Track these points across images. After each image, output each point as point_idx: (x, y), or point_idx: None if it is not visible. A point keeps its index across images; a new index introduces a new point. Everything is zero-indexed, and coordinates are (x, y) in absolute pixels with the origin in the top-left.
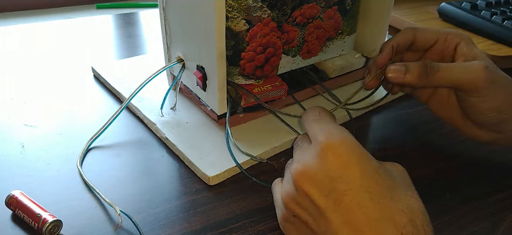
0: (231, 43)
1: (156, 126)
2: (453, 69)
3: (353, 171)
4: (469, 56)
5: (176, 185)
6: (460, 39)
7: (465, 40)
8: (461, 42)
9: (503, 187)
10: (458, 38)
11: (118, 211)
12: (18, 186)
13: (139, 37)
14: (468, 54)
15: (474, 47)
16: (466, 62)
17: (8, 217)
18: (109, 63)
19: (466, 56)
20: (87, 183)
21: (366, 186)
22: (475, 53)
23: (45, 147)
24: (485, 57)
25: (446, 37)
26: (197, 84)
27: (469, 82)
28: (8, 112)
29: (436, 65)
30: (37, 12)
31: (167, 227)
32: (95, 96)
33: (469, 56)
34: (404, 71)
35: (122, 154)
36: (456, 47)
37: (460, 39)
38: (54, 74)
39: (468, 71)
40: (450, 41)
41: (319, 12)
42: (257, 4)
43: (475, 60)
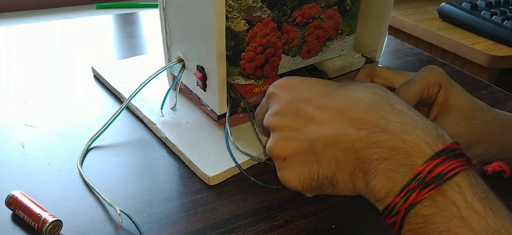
0: (231, 43)
1: (156, 126)
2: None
3: (303, 88)
4: (444, 107)
5: (176, 185)
6: (439, 86)
7: (444, 86)
8: (440, 90)
9: (503, 187)
10: (438, 86)
11: (118, 211)
12: (18, 186)
13: (139, 37)
14: (443, 104)
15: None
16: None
17: (8, 217)
18: (109, 63)
19: (441, 107)
20: (87, 183)
21: (321, 91)
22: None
23: (45, 147)
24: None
25: (428, 90)
26: (197, 84)
27: None
28: (8, 112)
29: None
30: (37, 12)
31: (167, 227)
32: (95, 96)
33: (444, 107)
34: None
35: (122, 154)
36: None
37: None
38: (54, 74)
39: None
40: (432, 92)
41: (319, 12)
42: (257, 4)
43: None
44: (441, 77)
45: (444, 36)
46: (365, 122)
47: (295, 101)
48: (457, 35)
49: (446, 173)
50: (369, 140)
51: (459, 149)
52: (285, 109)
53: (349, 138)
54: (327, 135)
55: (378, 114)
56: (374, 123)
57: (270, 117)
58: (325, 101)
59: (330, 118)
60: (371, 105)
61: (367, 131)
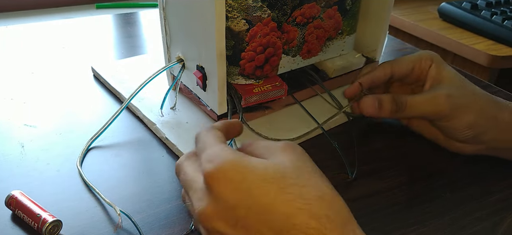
0: (231, 43)
1: (156, 126)
2: (418, 103)
3: (242, 192)
4: (436, 79)
5: (176, 185)
6: (431, 61)
7: (436, 62)
8: (432, 64)
9: (503, 187)
10: (430, 61)
11: (118, 211)
12: (18, 186)
13: (139, 37)
14: (435, 77)
15: (443, 68)
16: (432, 90)
17: (8, 217)
18: (109, 63)
19: (434, 80)
20: (87, 183)
21: (259, 201)
22: (442, 76)
23: (45, 147)
24: (451, 78)
25: (420, 63)
26: (197, 84)
27: (434, 113)
28: (8, 112)
29: (404, 100)
30: (37, 12)
31: (167, 227)
32: (94, 96)
33: (436, 80)
34: (377, 107)
35: (122, 154)
36: (428, 69)
37: (431, 61)
38: (54, 74)
39: (431, 103)
40: (424, 66)
41: (319, 12)
42: (257, 4)
43: (440, 85)
44: (433, 55)
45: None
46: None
47: (234, 207)
48: (457, 35)
49: None
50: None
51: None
52: (223, 213)
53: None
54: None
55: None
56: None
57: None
58: (265, 218)
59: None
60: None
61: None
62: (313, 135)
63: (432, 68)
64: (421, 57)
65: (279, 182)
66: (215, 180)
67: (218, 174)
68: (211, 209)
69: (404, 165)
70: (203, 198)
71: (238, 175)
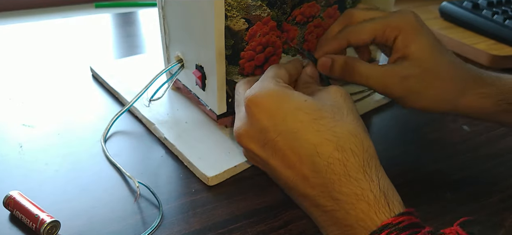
0: (231, 42)
1: (155, 126)
2: (368, 75)
3: (277, 117)
4: (402, 54)
5: (175, 186)
6: (399, 31)
7: (404, 32)
8: (399, 35)
9: (503, 187)
10: (396, 31)
11: (136, 183)
12: (16, 187)
13: (138, 37)
14: (402, 51)
15: (413, 40)
16: (390, 65)
17: (6, 217)
18: (107, 62)
19: (399, 53)
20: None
21: (290, 127)
22: (409, 51)
23: (43, 147)
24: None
25: (384, 32)
26: (196, 84)
27: (384, 92)
28: (6, 112)
29: (354, 67)
30: (36, 11)
31: (165, 228)
32: (93, 96)
33: (402, 55)
34: (329, 66)
35: (120, 154)
36: (394, 40)
37: (399, 31)
38: (53, 74)
39: (382, 81)
40: (389, 35)
41: (319, 11)
42: (256, 3)
43: (403, 62)
44: (404, 23)
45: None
46: (315, 185)
47: (265, 130)
48: (458, 35)
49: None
50: (318, 201)
51: (408, 219)
52: (255, 135)
53: (303, 190)
54: (286, 178)
55: (327, 179)
56: (323, 187)
57: (241, 133)
58: (292, 143)
59: (291, 164)
60: (326, 166)
61: (317, 191)
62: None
63: (399, 40)
64: (386, 24)
65: (313, 114)
66: (253, 104)
67: (256, 99)
68: (244, 130)
69: (404, 166)
70: (241, 119)
71: (275, 103)
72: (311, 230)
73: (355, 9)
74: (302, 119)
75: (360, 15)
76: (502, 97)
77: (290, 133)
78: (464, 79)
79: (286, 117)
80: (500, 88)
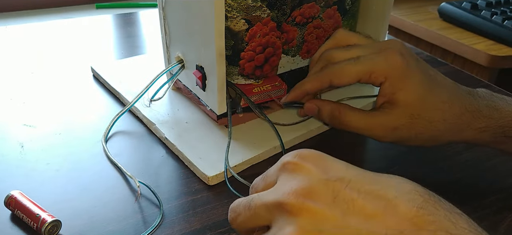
0: (231, 43)
1: (156, 126)
2: (354, 123)
3: (333, 164)
4: (389, 100)
5: (175, 185)
6: (385, 77)
7: (391, 80)
8: (386, 81)
9: (503, 187)
10: (383, 77)
11: (137, 182)
12: (17, 186)
13: (139, 37)
14: (389, 97)
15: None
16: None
17: (7, 217)
18: (108, 63)
19: (386, 100)
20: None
21: (357, 172)
22: (397, 99)
23: (44, 147)
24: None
25: (369, 76)
26: (197, 84)
27: (372, 137)
28: (7, 112)
29: (342, 115)
30: (37, 12)
31: (166, 227)
32: (94, 96)
33: (389, 101)
34: (317, 112)
35: (121, 154)
36: (380, 85)
37: (385, 77)
38: (54, 74)
39: (369, 129)
40: (375, 80)
41: (318, 11)
42: (256, 4)
43: (391, 110)
44: (391, 69)
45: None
46: (427, 222)
47: (331, 180)
48: (457, 35)
49: None
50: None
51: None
52: (318, 189)
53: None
54: (377, 232)
55: (440, 213)
56: (438, 224)
57: (292, 196)
58: (372, 188)
59: (383, 211)
60: (427, 202)
61: (427, 233)
62: (314, 134)
63: (386, 86)
64: (371, 69)
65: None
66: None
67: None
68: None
69: (403, 166)
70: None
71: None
72: None
73: (335, 50)
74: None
75: (340, 55)
76: (501, 131)
77: (363, 176)
78: (459, 116)
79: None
80: (499, 121)
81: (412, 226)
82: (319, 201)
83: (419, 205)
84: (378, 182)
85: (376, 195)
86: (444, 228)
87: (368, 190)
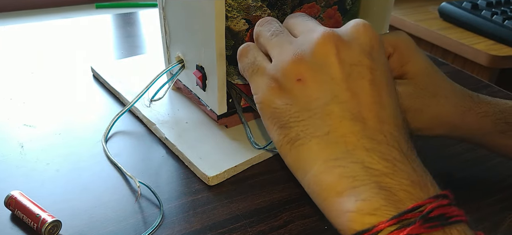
0: (231, 43)
1: (156, 126)
2: None
3: (381, 54)
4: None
5: (175, 186)
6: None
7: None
8: (394, 53)
9: (503, 187)
10: (391, 49)
11: (137, 183)
12: (17, 186)
13: (139, 37)
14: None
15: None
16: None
17: (7, 217)
18: (108, 63)
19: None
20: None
21: (385, 71)
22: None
23: (44, 147)
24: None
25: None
26: (197, 84)
27: None
28: (7, 112)
29: None
30: (36, 11)
31: (166, 227)
32: (94, 96)
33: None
34: None
35: (121, 154)
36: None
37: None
38: (54, 74)
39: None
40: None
41: (319, 11)
42: (256, 4)
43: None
44: (399, 41)
45: (444, 36)
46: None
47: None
48: (457, 35)
49: (451, 217)
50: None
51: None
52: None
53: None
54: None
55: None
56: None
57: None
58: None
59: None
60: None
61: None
62: None
63: (394, 59)
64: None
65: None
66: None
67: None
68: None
69: None
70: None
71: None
72: (311, 230)
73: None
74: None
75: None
76: (501, 116)
77: (386, 76)
78: (461, 98)
79: (386, 62)
80: (498, 107)
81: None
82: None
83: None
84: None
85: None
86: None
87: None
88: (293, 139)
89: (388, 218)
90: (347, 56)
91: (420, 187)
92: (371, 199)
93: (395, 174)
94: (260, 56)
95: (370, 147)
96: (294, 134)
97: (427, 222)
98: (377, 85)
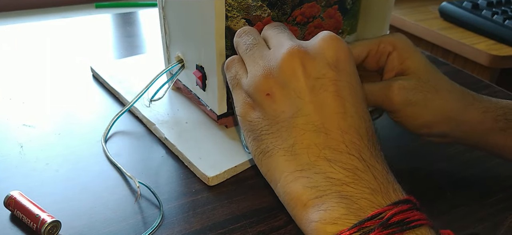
0: (231, 43)
1: (156, 126)
2: (368, 90)
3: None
4: (399, 69)
5: (175, 186)
6: (393, 48)
7: (398, 49)
8: (393, 52)
9: (504, 187)
10: (391, 47)
11: (137, 183)
12: (16, 187)
13: (138, 37)
14: (398, 67)
15: (408, 57)
16: (391, 79)
17: (6, 217)
18: (108, 62)
19: (395, 70)
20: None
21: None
22: (406, 67)
23: (43, 147)
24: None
25: (377, 47)
26: (197, 84)
27: (384, 103)
28: (6, 112)
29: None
30: (36, 11)
31: (166, 228)
32: (94, 96)
33: (398, 70)
34: None
35: (120, 154)
36: (388, 57)
37: (393, 48)
38: (53, 74)
39: (382, 93)
40: (382, 51)
41: (319, 11)
42: (257, 4)
43: (401, 76)
44: (398, 41)
45: (445, 36)
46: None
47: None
48: (458, 35)
49: (411, 221)
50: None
51: (418, 204)
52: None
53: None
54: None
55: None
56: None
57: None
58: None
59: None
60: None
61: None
62: None
63: (394, 57)
64: (380, 40)
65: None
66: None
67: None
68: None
69: (403, 165)
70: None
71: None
72: None
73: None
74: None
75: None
76: (501, 112)
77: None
78: (462, 93)
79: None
80: (498, 104)
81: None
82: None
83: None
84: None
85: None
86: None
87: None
88: (264, 151)
89: (349, 226)
90: (312, 70)
91: (381, 194)
92: (332, 209)
93: (356, 182)
94: (241, 70)
95: (332, 157)
96: (265, 146)
97: (386, 229)
98: (341, 96)
